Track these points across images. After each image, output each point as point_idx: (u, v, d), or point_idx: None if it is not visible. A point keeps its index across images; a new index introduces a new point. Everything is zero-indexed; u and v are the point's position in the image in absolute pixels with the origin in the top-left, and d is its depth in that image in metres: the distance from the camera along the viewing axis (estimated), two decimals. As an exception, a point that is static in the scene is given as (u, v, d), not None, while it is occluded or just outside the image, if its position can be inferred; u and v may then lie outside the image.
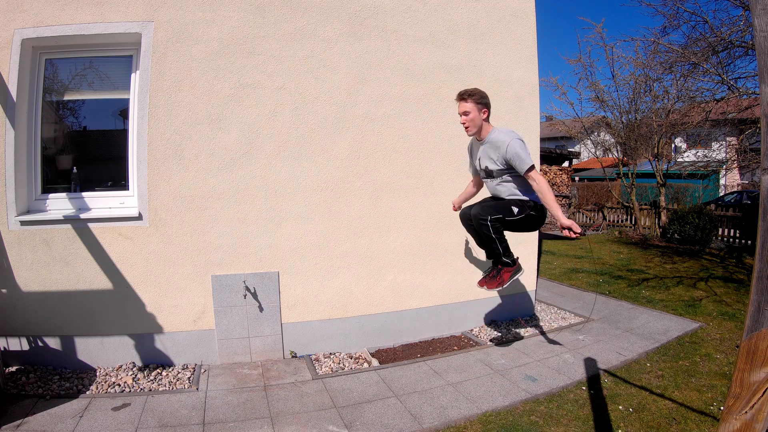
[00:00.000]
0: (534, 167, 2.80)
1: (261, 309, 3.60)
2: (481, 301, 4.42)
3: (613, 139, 12.72)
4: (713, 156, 12.74)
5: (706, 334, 4.20)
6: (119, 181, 3.55)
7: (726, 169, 13.03)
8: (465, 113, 2.91)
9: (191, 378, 3.26)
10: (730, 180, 18.55)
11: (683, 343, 3.98)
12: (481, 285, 3.11)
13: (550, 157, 21.23)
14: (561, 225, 2.70)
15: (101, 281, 3.31)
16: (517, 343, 3.99)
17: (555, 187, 16.46)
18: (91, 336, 3.33)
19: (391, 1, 3.85)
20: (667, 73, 8.71)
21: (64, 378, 3.16)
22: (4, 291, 3.21)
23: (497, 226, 2.88)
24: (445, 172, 4.10)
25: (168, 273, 3.41)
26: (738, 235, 9.80)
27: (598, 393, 3.09)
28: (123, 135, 3.51)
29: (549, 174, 16.66)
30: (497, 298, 4.51)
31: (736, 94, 6.93)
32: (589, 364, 3.54)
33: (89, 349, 3.33)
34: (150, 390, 3.07)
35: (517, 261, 3.05)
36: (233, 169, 3.50)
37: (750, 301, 1.37)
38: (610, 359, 3.62)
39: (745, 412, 1.35)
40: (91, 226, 3.28)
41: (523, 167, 2.79)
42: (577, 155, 23.80)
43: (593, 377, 3.33)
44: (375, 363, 3.60)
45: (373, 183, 3.90)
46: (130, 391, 3.04)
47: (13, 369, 3.20)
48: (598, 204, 14.02)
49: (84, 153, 3.64)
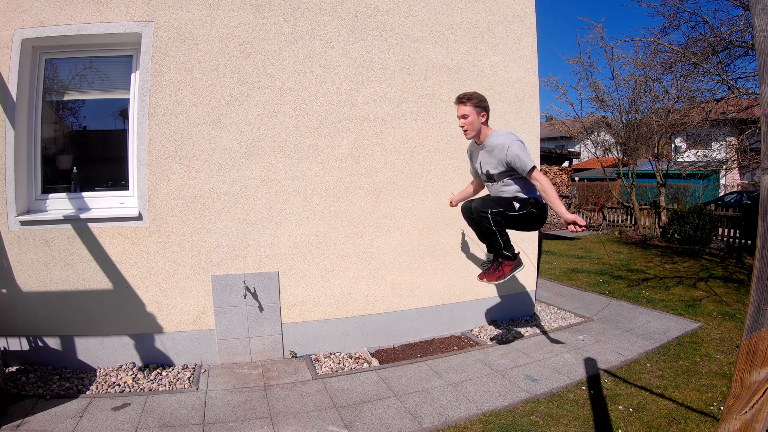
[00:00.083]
0: (536, 168, 2.81)
1: (261, 309, 3.60)
2: (481, 301, 4.42)
3: (613, 139, 12.72)
4: (713, 156, 12.74)
5: (706, 334, 4.20)
6: (119, 181, 3.55)
7: (726, 169, 13.03)
8: (464, 116, 2.91)
9: (191, 378, 3.27)
10: (730, 180, 18.55)
11: (683, 343, 3.98)
12: (481, 278, 3.13)
13: (550, 157, 21.23)
14: (565, 220, 2.66)
15: (101, 281, 3.31)
16: (517, 343, 4.00)
17: (555, 187, 16.45)
18: (91, 336, 3.33)
19: (391, 1, 3.86)
20: (667, 73, 8.72)
21: (64, 378, 3.16)
22: (4, 291, 3.21)
23: (498, 219, 2.88)
24: (445, 172, 4.10)
25: (168, 273, 3.41)
26: (738, 235, 9.79)
27: (598, 393, 3.10)
28: (123, 135, 3.51)
29: (549, 174, 16.68)
30: (497, 297, 4.51)
31: (736, 94, 6.93)
32: (589, 364, 3.54)
33: (89, 349, 3.33)
34: (150, 390, 3.07)
35: (517, 255, 3.06)
36: (233, 169, 3.50)
37: (750, 301, 1.37)
38: (610, 359, 3.62)
39: (745, 412, 1.35)
40: (91, 226, 3.28)
41: (525, 169, 2.79)
42: (577, 155, 23.80)
43: (593, 377, 3.33)
44: (375, 363, 3.60)
45: (373, 183, 3.90)
46: (130, 391, 3.04)
47: (13, 369, 3.20)
48: (598, 204, 14.02)
49: (84, 153, 3.64)
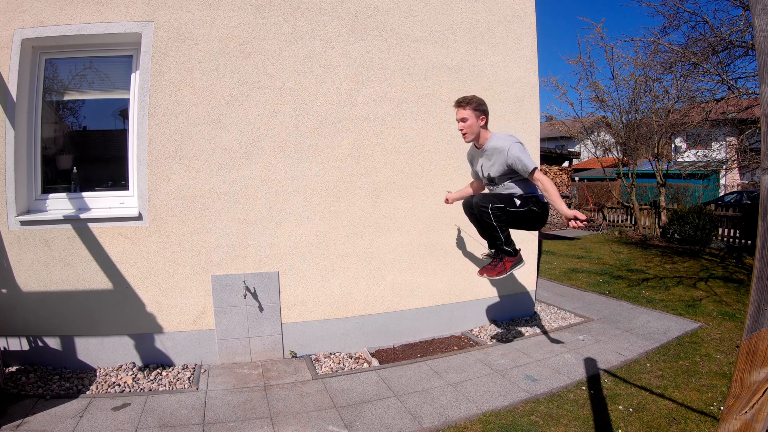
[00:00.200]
0: (537, 168, 2.81)
1: (261, 309, 3.60)
2: (481, 301, 4.42)
3: (613, 139, 12.72)
4: (713, 156, 12.74)
5: (706, 334, 4.20)
6: (119, 181, 3.55)
7: (726, 169, 13.02)
8: (463, 119, 2.92)
9: (191, 378, 3.27)
10: (730, 180, 18.55)
11: (683, 343, 3.98)
12: (482, 273, 3.13)
13: (550, 157, 21.24)
14: (566, 216, 2.65)
15: (101, 281, 3.31)
16: (517, 343, 3.99)
17: (555, 186, 16.47)
18: (91, 336, 3.33)
19: (391, 1, 3.86)
20: (667, 73, 8.71)
21: (64, 378, 3.16)
22: (4, 291, 3.21)
23: (498, 215, 2.88)
24: (445, 172, 4.10)
25: (168, 273, 3.41)
26: (738, 235, 9.79)
27: (598, 393, 3.10)
28: (123, 135, 3.51)
29: (549, 174, 16.71)
30: (497, 297, 4.51)
31: (736, 94, 6.92)
32: (589, 364, 3.54)
33: (89, 349, 3.33)
34: (150, 390, 3.07)
35: (518, 251, 3.05)
36: (233, 169, 3.50)
37: (750, 301, 1.37)
38: (610, 359, 3.62)
39: (745, 412, 1.35)
40: (91, 226, 3.28)
41: (526, 171, 2.80)
42: (577, 155, 23.81)
43: (593, 377, 3.33)
44: (375, 363, 3.60)
45: (373, 183, 3.90)
46: (130, 391, 3.04)
47: (13, 369, 3.20)
48: (598, 204, 14.02)
49: (84, 153, 3.64)
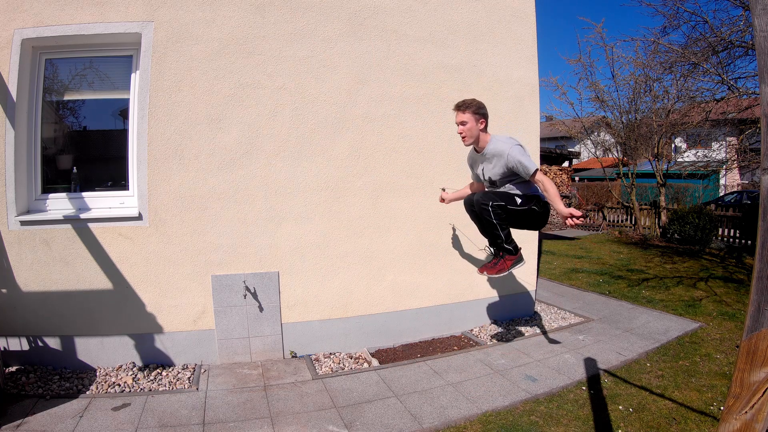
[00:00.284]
0: (538, 170, 2.81)
1: (261, 309, 3.60)
2: (481, 301, 4.42)
3: (613, 139, 12.72)
4: (713, 156, 12.74)
5: (706, 334, 4.20)
6: (119, 181, 3.55)
7: (726, 169, 13.02)
8: (462, 123, 2.92)
9: (191, 378, 3.27)
10: (730, 180, 18.54)
11: (683, 343, 3.98)
12: (482, 271, 3.15)
13: (550, 157, 21.23)
14: (562, 215, 2.66)
15: (101, 281, 3.31)
16: (517, 343, 3.99)
17: (555, 187, 16.49)
18: (91, 336, 3.33)
19: (391, 1, 3.85)
20: (667, 73, 8.72)
21: (64, 378, 3.16)
22: (4, 291, 3.21)
23: (499, 212, 2.89)
24: (445, 172, 4.10)
25: (168, 273, 3.41)
26: (738, 235, 9.79)
27: (598, 393, 3.10)
28: (123, 135, 3.51)
29: (549, 174, 16.71)
30: (497, 297, 4.51)
31: (736, 94, 6.92)
32: (589, 364, 3.54)
33: (89, 349, 3.33)
34: (150, 390, 3.07)
35: (519, 250, 3.06)
36: (233, 169, 3.50)
37: (750, 301, 1.37)
38: (610, 359, 3.62)
39: (745, 412, 1.35)
40: (91, 226, 3.28)
41: (527, 173, 2.80)
42: (577, 155, 23.80)
43: (593, 377, 3.33)
44: (375, 363, 3.60)
45: (373, 183, 3.90)
46: (130, 391, 3.04)
47: (13, 369, 3.20)
48: (598, 204, 14.02)
49: (84, 153, 3.64)
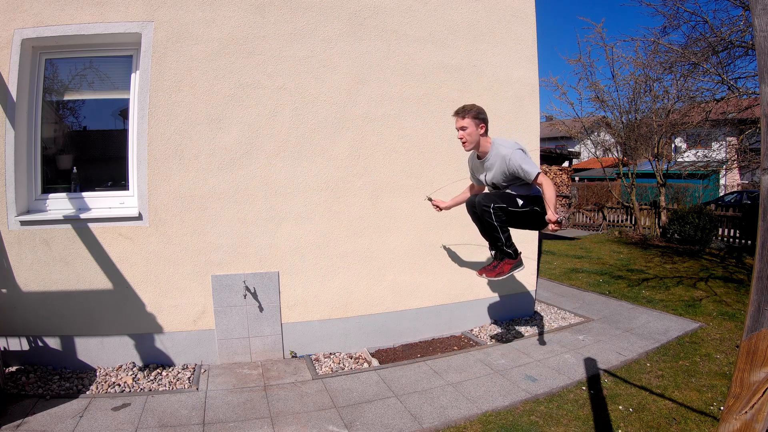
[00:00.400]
0: (540, 173, 2.80)
1: (261, 309, 3.60)
2: (481, 301, 4.42)
3: (613, 139, 12.72)
4: (713, 156, 12.74)
5: (706, 334, 4.20)
6: (119, 181, 3.55)
7: (726, 169, 13.03)
8: (462, 128, 2.93)
9: (191, 378, 3.27)
10: (730, 180, 18.54)
11: (683, 343, 3.98)
12: (481, 273, 3.15)
13: (550, 157, 21.24)
14: (548, 219, 2.68)
15: (101, 281, 3.31)
16: (517, 343, 3.99)
17: (555, 187, 16.48)
18: (91, 336, 3.33)
19: (391, 1, 3.85)
20: (667, 73, 8.71)
21: (64, 378, 3.16)
22: (4, 291, 3.21)
23: (500, 214, 2.89)
24: (445, 172, 4.10)
25: (168, 273, 3.41)
26: (738, 235, 9.79)
27: (598, 393, 3.10)
28: (123, 135, 3.51)
29: (549, 174, 16.69)
30: (497, 297, 4.51)
31: (736, 94, 6.92)
32: (589, 364, 3.54)
33: (89, 349, 3.33)
34: (150, 390, 3.07)
35: (519, 254, 3.06)
36: (233, 169, 3.50)
37: (750, 301, 1.37)
38: (610, 359, 3.62)
39: (745, 412, 1.35)
40: (91, 226, 3.28)
41: (529, 177, 2.80)
42: (577, 155, 23.81)
43: (593, 377, 3.33)
44: (375, 363, 3.60)
45: (373, 183, 3.90)
46: (130, 391, 3.04)
47: (13, 369, 3.20)
48: (598, 204, 14.01)
49: (84, 153, 3.64)
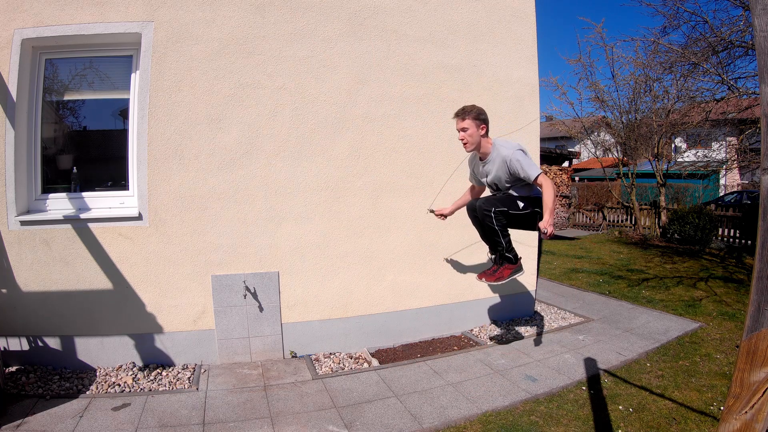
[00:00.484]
0: (540, 174, 2.81)
1: (261, 309, 3.60)
2: (481, 301, 4.42)
3: (613, 139, 12.71)
4: (713, 156, 12.74)
5: (706, 334, 4.20)
6: (119, 181, 3.55)
7: (726, 169, 13.02)
8: (463, 129, 2.94)
9: (191, 378, 3.27)
10: (730, 180, 18.55)
11: (683, 343, 3.98)
12: (480, 278, 3.17)
13: (550, 157, 21.21)
14: (541, 223, 2.68)
15: (101, 281, 3.31)
16: (517, 343, 3.99)
17: (555, 187, 16.47)
18: (91, 336, 3.33)
19: (391, 1, 3.85)
20: (667, 73, 8.71)
21: (64, 378, 3.16)
22: (4, 291, 3.21)
23: (501, 219, 2.90)
24: (445, 172, 4.10)
25: (168, 273, 3.41)
26: (738, 235, 9.79)
27: (598, 393, 3.10)
28: (123, 135, 3.51)
29: (549, 174, 16.68)
30: (497, 298, 4.51)
31: (736, 94, 6.92)
32: (589, 364, 3.54)
33: (89, 349, 3.33)
34: (150, 390, 3.07)
35: (519, 259, 3.07)
36: (233, 169, 3.50)
37: (750, 301, 1.37)
38: (610, 359, 3.62)
39: (745, 412, 1.35)
40: (91, 226, 3.28)
41: (530, 178, 2.81)
42: (577, 155, 23.79)
43: (593, 377, 3.33)
44: (375, 363, 3.60)
45: (373, 183, 3.90)
46: (130, 391, 3.04)
47: (13, 369, 3.20)
48: (598, 204, 14.01)
49: (84, 153, 3.64)
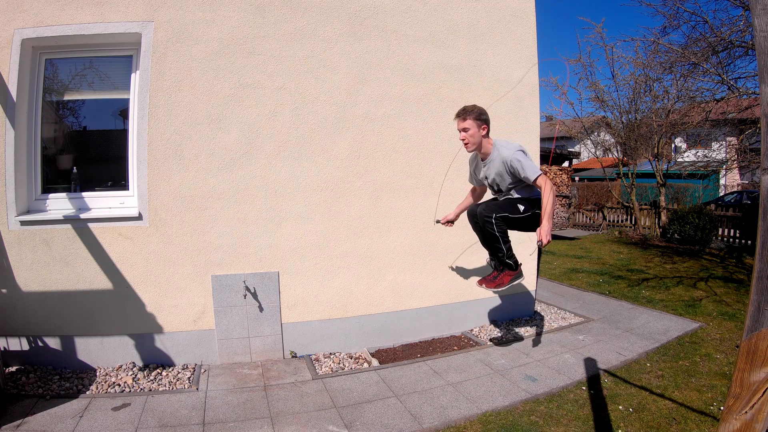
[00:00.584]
0: (541, 174, 2.80)
1: (261, 309, 3.60)
2: (481, 301, 4.42)
3: (613, 139, 12.71)
4: (713, 156, 12.75)
5: (706, 334, 4.20)
6: (119, 181, 3.55)
7: (726, 169, 13.03)
8: (464, 129, 2.94)
9: (191, 378, 3.27)
10: (730, 180, 18.55)
11: (683, 343, 3.98)
12: (481, 284, 3.17)
13: (549, 155, 21.18)
14: (539, 229, 2.67)
15: (101, 281, 3.31)
16: (517, 343, 3.99)
17: (555, 187, 16.46)
18: (91, 336, 3.33)
19: (391, 1, 3.85)
20: (667, 73, 8.71)
21: (64, 378, 3.16)
22: (4, 291, 3.21)
23: (501, 225, 2.90)
24: (445, 172, 4.10)
25: (168, 273, 3.41)
26: (738, 235, 9.79)
27: (598, 393, 3.09)
28: (123, 135, 3.51)
29: (549, 174, 16.67)
30: (497, 298, 4.51)
31: (736, 94, 6.92)
32: (589, 364, 3.54)
33: (89, 349, 3.33)
34: (150, 390, 3.07)
35: (519, 266, 3.07)
36: (233, 169, 3.50)
37: (750, 301, 1.37)
38: (610, 359, 3.62)
39: (745, 412, 1.35)
40: (91, 226, 3.28)
41: (530, 179, 2.81)
42: (577, 155, 23.79)
43: (593, 377, 3.33)
44: (375, 363, 3.60)
45: (373, 183, 3.90)
46: (130, 391, 3.04)
47: (13, 369, 3.20)
48: (598, 204, 14.01)
49: (84, 153, 3.64)
